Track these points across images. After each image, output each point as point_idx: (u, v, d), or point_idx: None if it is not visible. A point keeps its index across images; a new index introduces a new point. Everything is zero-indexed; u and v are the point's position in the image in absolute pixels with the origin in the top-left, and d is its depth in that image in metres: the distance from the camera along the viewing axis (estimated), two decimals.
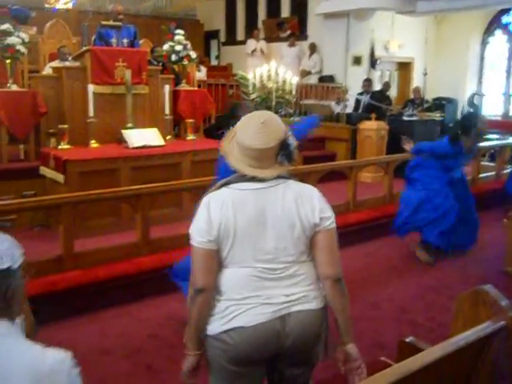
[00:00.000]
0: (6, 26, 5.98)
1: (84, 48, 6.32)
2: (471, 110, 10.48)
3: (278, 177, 1.95)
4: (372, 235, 5.73)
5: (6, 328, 1.36)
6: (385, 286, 4.54)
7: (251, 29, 12.91)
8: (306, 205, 1.94)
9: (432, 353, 1.68)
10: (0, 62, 6.70)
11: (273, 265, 1.91)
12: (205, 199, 1.97)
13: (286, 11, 12.70)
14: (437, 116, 9.11)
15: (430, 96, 10.78)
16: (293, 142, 1.96)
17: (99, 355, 3.36)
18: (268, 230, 1.90)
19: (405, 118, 8.59)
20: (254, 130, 1.92)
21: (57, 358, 1.35)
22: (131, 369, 3.22)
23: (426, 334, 3.57)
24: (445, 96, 11.28)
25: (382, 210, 6.08)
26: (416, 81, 12.00)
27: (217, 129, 7.75)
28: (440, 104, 10.70)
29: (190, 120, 6.81)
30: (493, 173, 7.71)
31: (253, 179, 1.92)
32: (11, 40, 5.97)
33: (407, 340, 2.39)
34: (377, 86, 10.74)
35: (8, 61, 6.09)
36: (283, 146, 1.93)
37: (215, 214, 1.90)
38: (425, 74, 9.83)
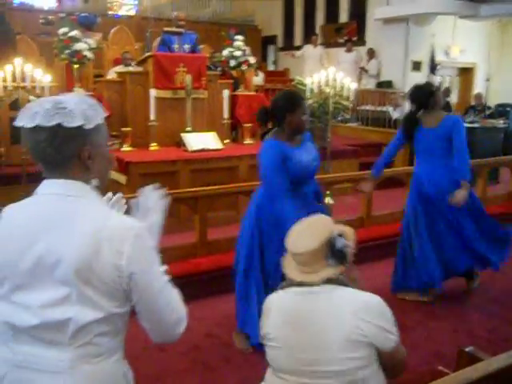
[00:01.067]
0: (74, 33, 6.23)
1: (147, 54, 6.51)
2: None
3: (329, 281, 1.84)
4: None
5: (80, 190, 1.39)
6: (442, 295, 4.45)
7: (309, 34, 12.93)
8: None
9: (494, 362, 1.65)
10: (68, 67, 7.00)
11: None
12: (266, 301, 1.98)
13: (344, 17, 12.67)
14: (500, 123, 8.82)
15: (492, 102, 10.49)
16: (342, 241, 1.85)
17: (158, 352, 3.45)
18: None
19: (466, 125, 8.35)
20: (299, 233, 1.88)
21: (121, 224, 1.37)
22: (188, 366, 3.29)
23: (485, 346, 3.48)
24: (509, 102, 10.93)
25: None
26: (478, 87, 11.69)
27: None
28: (504, 110, 10.36)
29: (248, 124, 6.89)
30: None
31: (302, 284, 1.86)
32: (79, 46, 6.21)
33: (467, 349, 2.34)
34: None
35: (75, 66, 6.34)
36: (331, 246, 1.83)
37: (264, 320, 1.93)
38: (487, 80, 9.56)
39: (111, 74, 7.58)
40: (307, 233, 1.85)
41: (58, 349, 1.34)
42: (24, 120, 1.36)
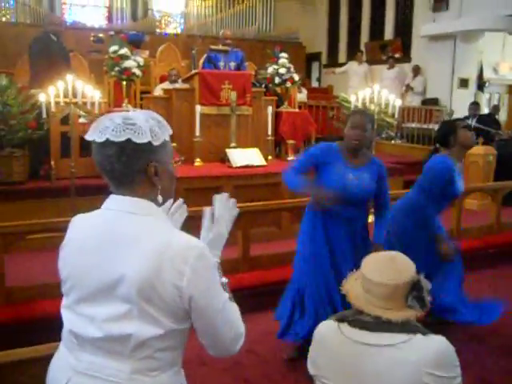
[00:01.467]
0: (124, 51, 6.41)
1: (193, 71, 6.64)
2: None
3: (404, 324, 1.71)
4: (477, 265, 5.46)
5: (146, 208, 1.42)
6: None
7: (353, 51, 12.92)
8: None
9: None
10: (116, 84, 7.20)
11: None
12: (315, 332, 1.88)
13: (389, 34, 12.61)
14: None
15: None
16: (427, 284, 1.77)
17: (198, 366, 3.46)
18: None
19: None
20: (381, 264, 1.77)
21: (183, 244, 1.37)
22: (230, 381, 3.29)
23: None
24: None
25: (487, 240, 5.81)
26: None
27: None
28: None
29: (291, 141, 6.91)
30: None
31: (369, 323, 1.74)
32: (128, 63, 6.38)
33: None
34: (485, 110, 10.30)
35: (124, 82, 6.51)
36: (415, 287, 1.75)
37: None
38: None
39: (158, 91, 7.75)
40: (392, 265, 1.76)
41: (118, 360, 1.37)
42: (95, 134, 1.40)
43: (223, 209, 1.67)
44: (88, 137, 1.42)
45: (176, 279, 1.33)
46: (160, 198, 1.47)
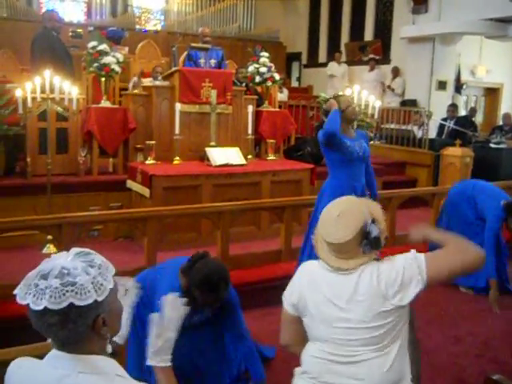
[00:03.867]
0: (103, 47, 6.32)
1: (173, 68, 6.57)
2: None
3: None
4: None
5: (95, 368, 1.25)
6: (468, 319, 4.36)
7: (333, 52, 12.97)
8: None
9: None
10: (95, 80, 7.10)
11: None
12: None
13: (369, 35, 12.67)
14: None
15: None
16: (375, 229, 1.92)
17: None
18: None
19: (492, 146, 8.27)
20: (330, 223, 1.94)
21: None
22: None
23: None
24: None
25: None
26: (504, 107, 11.56)
27: (296, 150, 7.80)
28: None
29: (271, 140, 6.90)
30: None
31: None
32: (107, 59, 6.29)
33: (494, 377, 2.27)
34: (462, 112, 10.43)
35: (103, 79, 6.42)
36: (364, 234, 1.91)
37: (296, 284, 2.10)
38: None
39: (131, 83, 7.65)
40: (342, 222, 1.89)
41: None
42: (28, 298, 1.21)
43: (172, 311, 1.63)
44: (20, 299, 1.22)
45: None
46: (109, 348, 1.36)
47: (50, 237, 4.74)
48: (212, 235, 5.00)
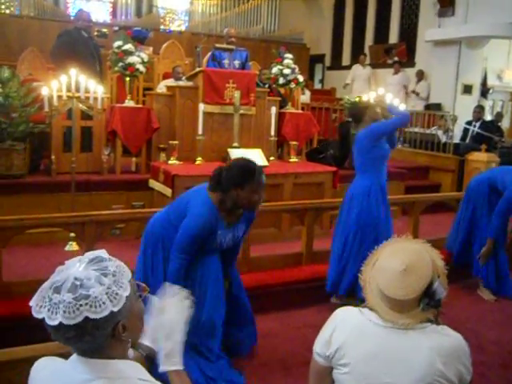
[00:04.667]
0: (128, 46, 6.36)
1: (197, 69, 6.58)
2: None
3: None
4: None
5: (117, 372, 1.25)
6: (491, 327, 4.28)
7: (357, 54, 12.89)
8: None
9: None
10: (119, 79, 7.15)
11: None
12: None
13: (394, 37, 12.58)
14: None
15: None
16: (441, 289, 1.73)
17: None
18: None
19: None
20: (392, 277, 1.71)
21: None
22: None
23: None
24: None
25: None
26: None
27: (319, 152, 7.76)
28: None
29: (294, 142, 6.86)
30: None
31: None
32: (132, 59, 6.33)
33: None
34: (488, 117, 10.28)
35: (127, 78, 6.47)
36: (429, 292, 1.72)
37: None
38: None
39: (161, 88, 7.70)
40: (410, 279, 1.70)
41: None
42: (43, 312, 1.20)
43: (176, 313, 1.53)
44: (35, 313, 1.21)
45: None
46: (131, 353, 1.36)
47: (72, 234, 4.79)
48: None
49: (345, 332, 1.78)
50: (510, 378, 3.39)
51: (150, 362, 1.47)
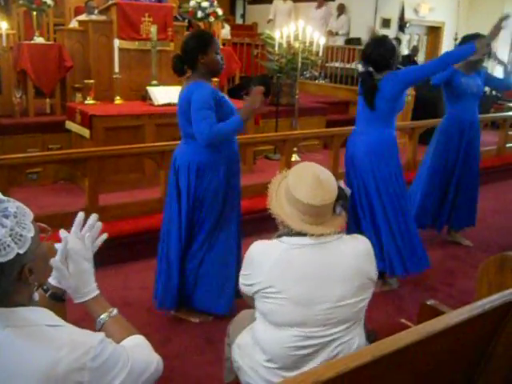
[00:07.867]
0: None
1: (110, 1, 6.24)
2: None
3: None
4: None
5: (23, 320, 1.19)
6: None
7: None
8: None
9: (458, 314, 1.68)
10: (26, 14, 6.68)
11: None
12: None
13: None
14: None
15: None
16: (348, 189, 1.90)
17: (121, 306, 3.41)
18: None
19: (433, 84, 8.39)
20: (313, 185, 1.79)
21: (72, 359, 1.16)
22: (150, 319, 3.30)
23: (445, 300, 3.58)
24: None
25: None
26: (445, 46, 11.72)
27: (241, 89, 7.69)
28: None
29: (215, 79, 6.74)
30: None
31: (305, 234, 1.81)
32: None
33: (429, 303, 2.38)
34: (404, 51, 10.51)
35: (34, 13, 6.05)
36: (339, 197, 1.83)
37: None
38: (455, 39, 9.59)
39: (73, 24, 7.27)
40: (320, 187, 1.78)
41: None
42: None
43: (75, 244, 1.45)
44: None
45: None
46: (36, 296, 1.30)
47: None
48: (156, 176, 4.92)
49: (268, 265, 1.81)
50: (421, 297, 3.64)
51: (56, 299, 1.45)
